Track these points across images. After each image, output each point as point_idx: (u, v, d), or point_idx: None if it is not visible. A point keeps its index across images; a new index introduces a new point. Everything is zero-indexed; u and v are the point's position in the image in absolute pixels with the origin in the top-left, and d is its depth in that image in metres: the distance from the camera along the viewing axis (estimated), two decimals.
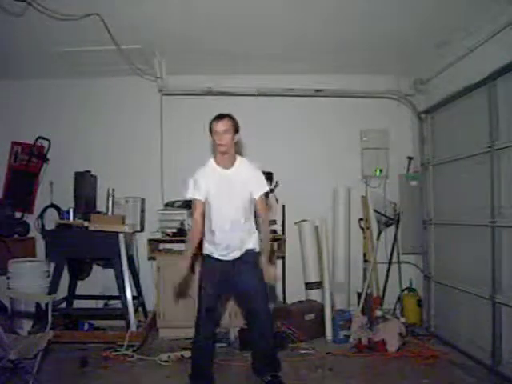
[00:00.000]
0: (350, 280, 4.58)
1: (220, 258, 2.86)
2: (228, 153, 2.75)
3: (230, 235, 2.81)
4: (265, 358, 2.95)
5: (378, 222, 4.72)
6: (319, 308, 4.20)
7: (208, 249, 2.90)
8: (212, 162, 2.84)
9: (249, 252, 2.88)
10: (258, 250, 2.91)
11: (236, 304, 3.84)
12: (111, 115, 4.74)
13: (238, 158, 2.86)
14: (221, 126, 2.69)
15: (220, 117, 2.73)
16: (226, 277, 2.86)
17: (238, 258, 2.87)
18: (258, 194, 2.85)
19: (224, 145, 2.69)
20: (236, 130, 2.76)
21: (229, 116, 2.75)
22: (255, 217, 2.94)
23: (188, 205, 4.50)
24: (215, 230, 2.82)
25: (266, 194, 3.11)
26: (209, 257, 2.90)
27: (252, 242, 2.89)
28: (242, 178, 2.79)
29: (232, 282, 2.89)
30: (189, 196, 2.86)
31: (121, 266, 3.86)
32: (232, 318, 3.98)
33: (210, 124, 2.76)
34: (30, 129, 4.64)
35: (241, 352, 3.61)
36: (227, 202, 2.77)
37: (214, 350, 3.10)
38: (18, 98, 4.74)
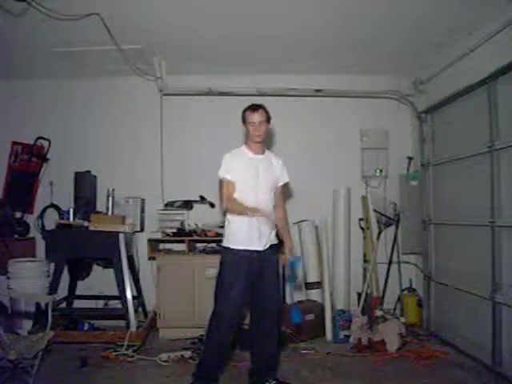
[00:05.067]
0: (350, 280, 4.58)
1: (247, 247, 2.75)
2: (262, 142, 2.86)
3: (260, 219, 2.75)
4: (269, 361, 2.90)
5: (378, 222, 4.72)
6: (319, 308, 4.20)
7: (234, 237, 2.79)
8: (244, 147, 2.91)
9: (271, 247, 2.84)
10: (277, 242, 2.92)
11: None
12: (111, 115, 4.74)
13: (266, 149, 2.98)
14: (257, 117, 2.78)
15: (255, 108, 2.82)
16: (250, 272, 2.76)
17: (262, 254, 2.78)
18: (282, 182, 2.97)
19: (260, 135, 2.80)
20: (268, 120, 2.86)
21: (263, 107, 2.85)
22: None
23: (188, 205, 4.54)
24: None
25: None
26: (233, 251, 2.78)
27: (274, 235, 2.89)
28: (271, 163, 2.91)
29: (255, 278, 2.79)
30: (221, 175, 2.83)
31: (121, 266, 3.86)
32: None
33: (244, 113, 2.84)
34: (30, 129, 4.64)
35: (241, 352, 3.61)
36: (258, 183, 2.80)
37: (230, 354, 3.05)
38: (18, 98, 4.74)
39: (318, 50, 4.09)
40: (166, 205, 4.53)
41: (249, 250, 2.77)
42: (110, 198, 4.17)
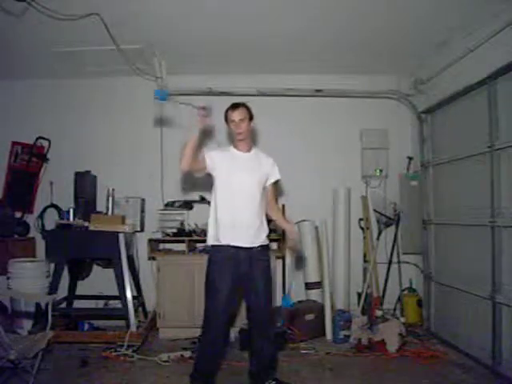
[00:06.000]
0: (349, 280, 4.58)
1: (232, 244, 2.74)
2: (245, 139, 2.86)
3: (246, 215, 2.76)
4: (267, 361, 2.89)
5: (378, 221, 4.72)
6: (319, 308, 4.20)
7: (219, 234, 2.76)
8: (231, 147, 2.93)
9: (262, 248, 2.83)
10: (268, 243, 2.91)
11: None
12: (111, 115, 4.74)
13: (254, 147, 2.98)
14: (237, 115, 2.79)
15: (236, 106, 2.83)
16: (238, 271, 2.75)
17: (251, 253, 2.77)
18: (272, 180, 2.94)
19: (242, 132, 2.80)
20: (251, 118, 2.86)
21: (244, 105, 2.86)
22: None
23: (188, 205, 4.54)
24: (231, 209, 2.76)
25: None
26: (219, 247, 2.77)
27: (264, 236, 2.87)
28: (259, 161, 2.90)
29: (243, 278, 2.79)
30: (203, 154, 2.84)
31: (121, 266, 3.86)
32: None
33: (226, 113, 2.85)
34: (29, 129, 4.64)
35: (241, 352, 3.61)
36: (244, 179, 2.78)
37: (224, 353, 3.05)
38: (18, 97, 4.74)
39: (318, 50, 4.09)
40: (166, 205, 4.53)
41: (235, 247, 2.75)
42: (110, 198, 4.17)
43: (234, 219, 2.75)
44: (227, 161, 2.82)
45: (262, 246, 2.84)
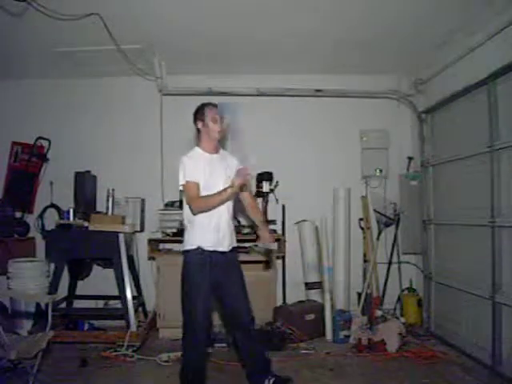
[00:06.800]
0: (349, 280, 4.58)
1: (211, 248, 2.72)
2: (218, 140, 2.84)
3: (223, 219, 2.77)
4: (260, 359, 2.88)
5: (378, 222, 4.72)
6: (319, 308, 4.20)
7: (198, 239, 2.73)
8: (197, 148, 2.86)
9: (234, 250, 2.87)
10: (237, 245, 2.95)
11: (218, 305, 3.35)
12: (111, 115, 4.74)
13: (221, 148, 2.96)
14: (218, 112, 2.79)
15: (215, 104, 2.83)
16: (215, 274, 2.74)
17: (226, 256, 2.78)
18: None
19: (222, 131, 2.79)
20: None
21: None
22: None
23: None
24: (210, 213, 2.73)
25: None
26: (197, 251, 2.72)
27: (234, 238, 2.90)
28: (227, 162, 2.88)
29: (219, 282, 2.78)
30: (181, 182, 2.75)
31: (121, 266, 3.86)
32: None
33: (203, 110, 2.80)
34: (30, 129, 4.64)
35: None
36: (218, 182, 2.75)
37: (208, 354, 3.04)
38: (18, 97, 4.74)
39: (318, 50, 4.09)
40: (166, 205, 4.52)
41: (214, 251, 2.74)
42: (110, 198, 4.17)
43: (214, 223, 2.74)
44: (201, 167, 2.75)
45: (234, 248, 2.87)
